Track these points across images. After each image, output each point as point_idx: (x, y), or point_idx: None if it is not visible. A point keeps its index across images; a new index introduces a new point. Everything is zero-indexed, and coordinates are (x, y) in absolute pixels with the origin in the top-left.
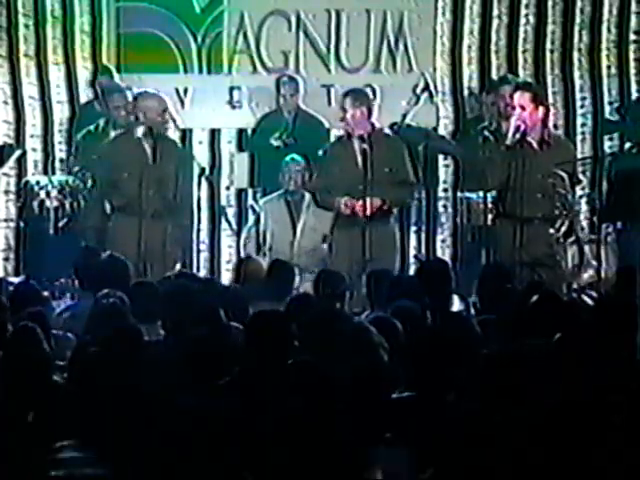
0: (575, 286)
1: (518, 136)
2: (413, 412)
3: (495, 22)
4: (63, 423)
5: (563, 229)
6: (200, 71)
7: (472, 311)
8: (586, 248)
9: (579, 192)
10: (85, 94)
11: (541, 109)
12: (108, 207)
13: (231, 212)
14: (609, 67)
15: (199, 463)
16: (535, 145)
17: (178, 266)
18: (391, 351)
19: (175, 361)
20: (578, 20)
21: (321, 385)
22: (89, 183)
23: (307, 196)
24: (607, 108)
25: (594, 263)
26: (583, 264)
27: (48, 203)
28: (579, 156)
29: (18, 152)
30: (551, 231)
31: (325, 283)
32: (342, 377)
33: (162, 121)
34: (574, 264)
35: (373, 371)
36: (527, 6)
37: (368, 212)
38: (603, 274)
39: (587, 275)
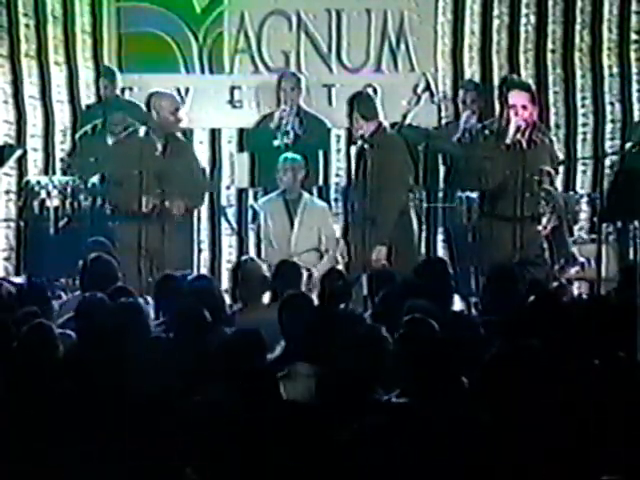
0: (563, 281)
1: (519, 136)
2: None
3: (496, 22)
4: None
5: (550, 226)
6: (201, 71)
7: (473, 311)
8: (570, 242)
9: (580, 192)
10: (86, 94)
11: (536, 108)
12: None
13: (231, 212)
14: (610, 67)
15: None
16: (524, 144)
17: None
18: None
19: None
20: (579, 20)
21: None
22: (89, 183)
23: (305, 195)
24: (608, 108)
25: (581, 259)
26: (571, 260)
27: (49, 203)
28: (579, 156)
29: (19, 152)
30: (539, 228)
31: (331, 283)
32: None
33: (175, 120)
34: (562, 260)
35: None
36: (528, 6)
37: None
38: (603, 274)
39: (574, 270)
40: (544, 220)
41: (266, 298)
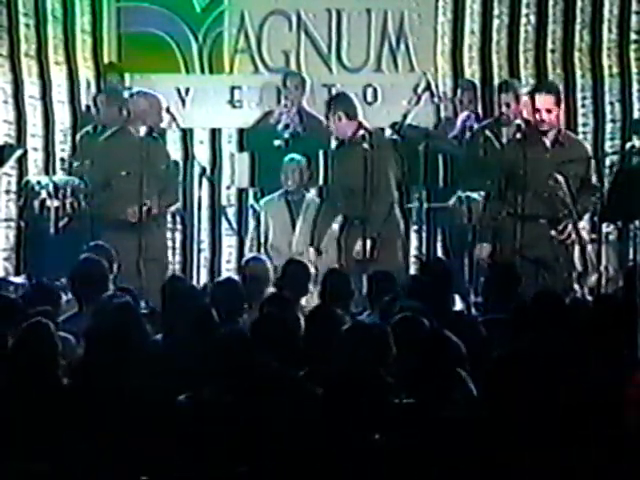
0: (579, 290)
1: (519, 135)
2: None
3: (496, 22)
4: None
5: (566, 232)
6: (201, 71)
7: (473, 311)
8: (589, 251)
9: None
10: (86, 94)
11: (561, 109)
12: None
13: (231, 212)
14: (610, 67)
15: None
16: (548, 144)
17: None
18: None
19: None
20: (579, 20)
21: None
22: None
23: (307, 196)
24: (608, 108)
25: (600, 269)
26: (587, 269)
27: (49, 203)
28: None
29: (19, 151)
30: (552, 232)
31: (332, 284)
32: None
33: (158, 120)
34: (578, 268)
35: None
36: (528, 5)
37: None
38: (604, 274)
39: (592, 280)
40: (561, 225)
41: None
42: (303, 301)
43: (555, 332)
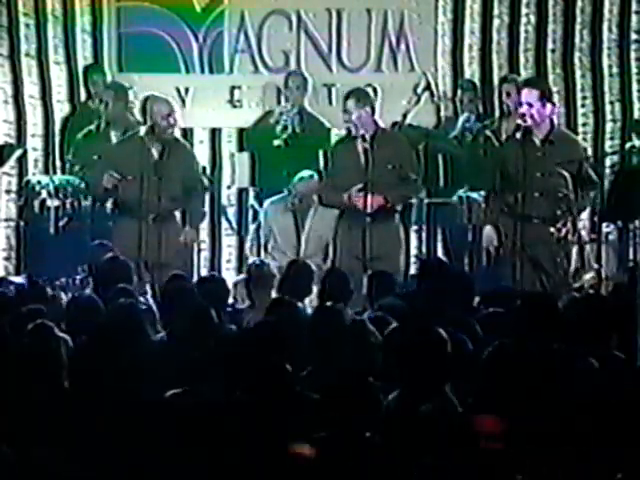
0: (575, 287)
1: (519, 135)
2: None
3: (496, 22)
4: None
5: (564, 230)
6: (201, 70)
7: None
8: (587, 249)
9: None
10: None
11: (548, 106)
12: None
13: (231, 211)
14: (610, 67)
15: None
16: (538, 143)
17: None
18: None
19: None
20: (579, 19)
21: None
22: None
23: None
24: (608, 108)
25: (596, 266)
26: (585, 267)
27: (49, 202)
28: None
29: (19, 151)
30: (551, 230)
31: (331, 283)
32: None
33: (168, 124)
34: (575, 266)
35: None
36: (528, 5)
37: (369, 210)
38: (604, 274)
39: (588, 277)
40: (559, 223)
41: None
42: (306, 301)
43: (547, 332)
